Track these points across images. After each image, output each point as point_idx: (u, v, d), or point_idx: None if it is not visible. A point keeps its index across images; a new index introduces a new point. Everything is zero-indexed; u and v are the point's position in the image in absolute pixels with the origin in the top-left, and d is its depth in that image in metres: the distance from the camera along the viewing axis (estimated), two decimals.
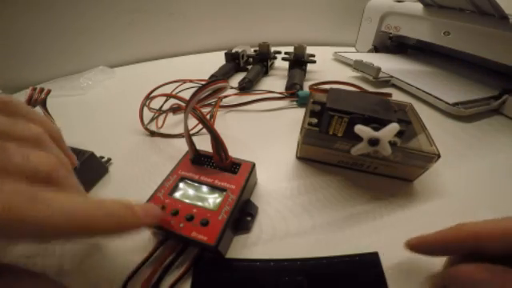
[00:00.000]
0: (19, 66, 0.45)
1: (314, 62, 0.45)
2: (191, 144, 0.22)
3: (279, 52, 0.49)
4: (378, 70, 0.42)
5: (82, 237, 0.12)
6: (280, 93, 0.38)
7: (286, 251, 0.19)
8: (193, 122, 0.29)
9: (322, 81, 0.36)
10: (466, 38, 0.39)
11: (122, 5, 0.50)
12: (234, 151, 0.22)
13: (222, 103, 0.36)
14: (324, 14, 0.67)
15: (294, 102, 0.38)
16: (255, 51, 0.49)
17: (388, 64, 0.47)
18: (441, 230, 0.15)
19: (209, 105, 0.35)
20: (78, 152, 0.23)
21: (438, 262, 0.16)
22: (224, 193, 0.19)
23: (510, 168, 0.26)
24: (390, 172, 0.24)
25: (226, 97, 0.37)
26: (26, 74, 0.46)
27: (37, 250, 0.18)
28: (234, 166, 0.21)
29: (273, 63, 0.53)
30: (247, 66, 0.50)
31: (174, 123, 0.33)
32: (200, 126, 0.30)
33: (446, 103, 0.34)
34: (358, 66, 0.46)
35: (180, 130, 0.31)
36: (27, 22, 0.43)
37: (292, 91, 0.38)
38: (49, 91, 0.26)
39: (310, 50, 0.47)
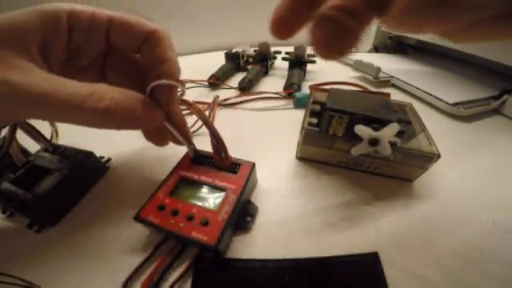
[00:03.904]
0: None
1: (314, 62, 0.45)
2: (191, 144, 0.22)
3: (279, 52, 0.49)
4: (378, 69, 0.42)
5: None
6: (277, 93, 0.38)
7: (285, 251, 0.19)
8: (192, 119, 0.30)
9: (322, 81, 0.36)
10: None
11: (120, 6, 0.50)
12: (234, 151, 0.22)
13: (221, 103, 0.36)
14: None
15: (292, 103, 0.38)
16: (255, 51, 0.48)
17: (388, 64, 0.47)
18: None
19: (207, 104, 0.35)
20: (77, 152, 0.23)
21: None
22: (224, 193, 0.19)
23: (510, 168, 0.26)
24: (389, 172, 0.24)
25: (226, 98, 0.37)
26: None
27: None
28: (234, 166, 0.21)
29: (273, 63, 0.52)
30: (247, 65, 0.50)
31: None
32: (199, 124, 0.30)
33: (446, 103, 0.34)
34: (358, 65, 0.46)
35: None
36: None
37: (290, 91, 0.38)
38: None
39: (310, 49, 0.47)
